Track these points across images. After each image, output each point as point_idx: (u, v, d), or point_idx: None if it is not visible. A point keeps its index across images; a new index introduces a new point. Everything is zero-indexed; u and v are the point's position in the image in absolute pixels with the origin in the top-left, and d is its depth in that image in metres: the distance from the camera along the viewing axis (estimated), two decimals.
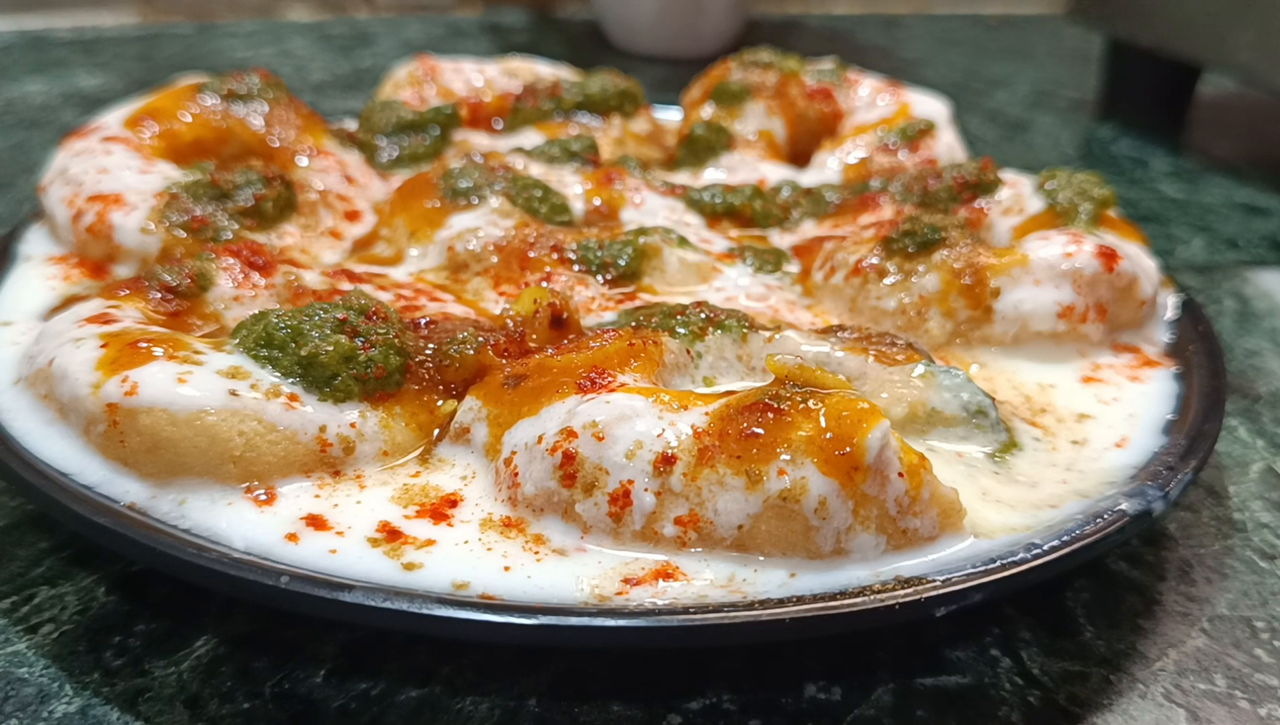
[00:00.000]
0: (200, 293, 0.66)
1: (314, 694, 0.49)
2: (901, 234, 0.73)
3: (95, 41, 1.62)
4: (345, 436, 0.56)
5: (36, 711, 0.48)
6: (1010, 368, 0.69)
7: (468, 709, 0.49)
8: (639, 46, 1.70)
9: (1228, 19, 1.22)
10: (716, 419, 0.51)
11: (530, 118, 1.00)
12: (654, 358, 0.60)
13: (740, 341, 0.63)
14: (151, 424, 0.53)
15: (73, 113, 1.29)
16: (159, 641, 0.52)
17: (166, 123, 0.84)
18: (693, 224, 0.84)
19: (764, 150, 0.99)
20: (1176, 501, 0.55)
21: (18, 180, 1.08)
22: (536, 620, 0.45)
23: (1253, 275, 1.00)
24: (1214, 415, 0.62)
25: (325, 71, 1.55)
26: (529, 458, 0.53)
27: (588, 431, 0.52)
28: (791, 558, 0.50)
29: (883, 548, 0.50)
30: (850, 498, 0.49)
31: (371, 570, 0.49)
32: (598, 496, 0.51)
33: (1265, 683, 0.52)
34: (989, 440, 0.60)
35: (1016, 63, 1.81)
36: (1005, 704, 0.50)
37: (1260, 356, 0.85)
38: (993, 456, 0.59)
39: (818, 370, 0.52)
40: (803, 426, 0.49)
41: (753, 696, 0.50)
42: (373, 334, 0.58)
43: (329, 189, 0.85)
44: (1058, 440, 0.62)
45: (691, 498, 0.50)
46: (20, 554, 0.57)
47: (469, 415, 0.58)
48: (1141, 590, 0.58)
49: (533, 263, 0.75)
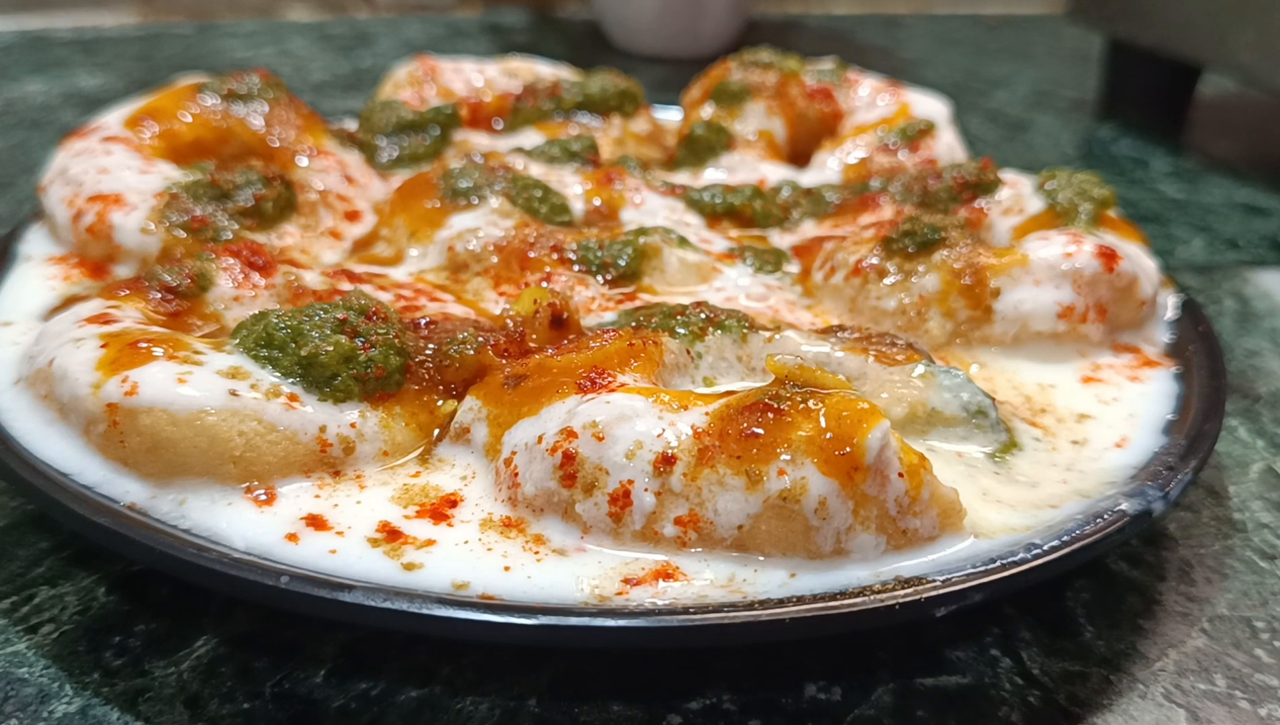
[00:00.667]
0: (200, 293, 0.66)
1: (314, 694, 0.49)
2: (901, 234, 0.73)
3: (95, 41, 1.62)
4: (345, 436, 0.56)
5: (37, 711, 0.48)
6: (1011, 368, 0.69)
7: (468, 709, 0.49)
8: (639, 46, 1.70)
9: (1228, 19, 1.22)
10: (716, 419, 0.51)
11: (530, 118, 1.00)
12: (654, 358, 0.60)
13: (740, 342, 0.63)
14: (152, 424, 0.53)
15: (73, 113, 1.29)
16: (159, 641, 0.52)
17: (167, 123, 0.84)
18: (693, 224, 0.84)
19: (764, 150, 0.99)
20: (1176, 501, 0.55)
21: (18, 180, 1.08)
22: (537, 620, 0.45)
23: (1253, 275, 1.00)
24: (1214, 415, 0.62)
25: (325, 71, 1.55)
26: (529, 458, 0.53)
27: (588, 431, 0.52)
28: (791, 558, 0.50)
29: (883, 548, 0.50)
30: (850, 498, 0.49)
31: (372, 570, 0.49)
32: (598, 496, 0.51)
33: (1265, 683, 0.52)
34: (989, 440, 0.60)
35: (1017, 63, 1.81)
36: (1005, 704, 0.50)
37: (1260, 356, 0.85)
38: (993, 456, 0.59)
39: (818, 370, 0.52)
40: (803, 426, 0.49)
41: (753, 696, 0.50)
42: (373, 334, 0.58)
43: (329, 189, 0.85)
44: (1058, 440, 0.62)
45: (691, 498, 0.50)
46: (20, 554, 0.57)
47: (469, 415, 0.58)
48: (1141, 590, 0.58)
49: (533, 263, 0.75)
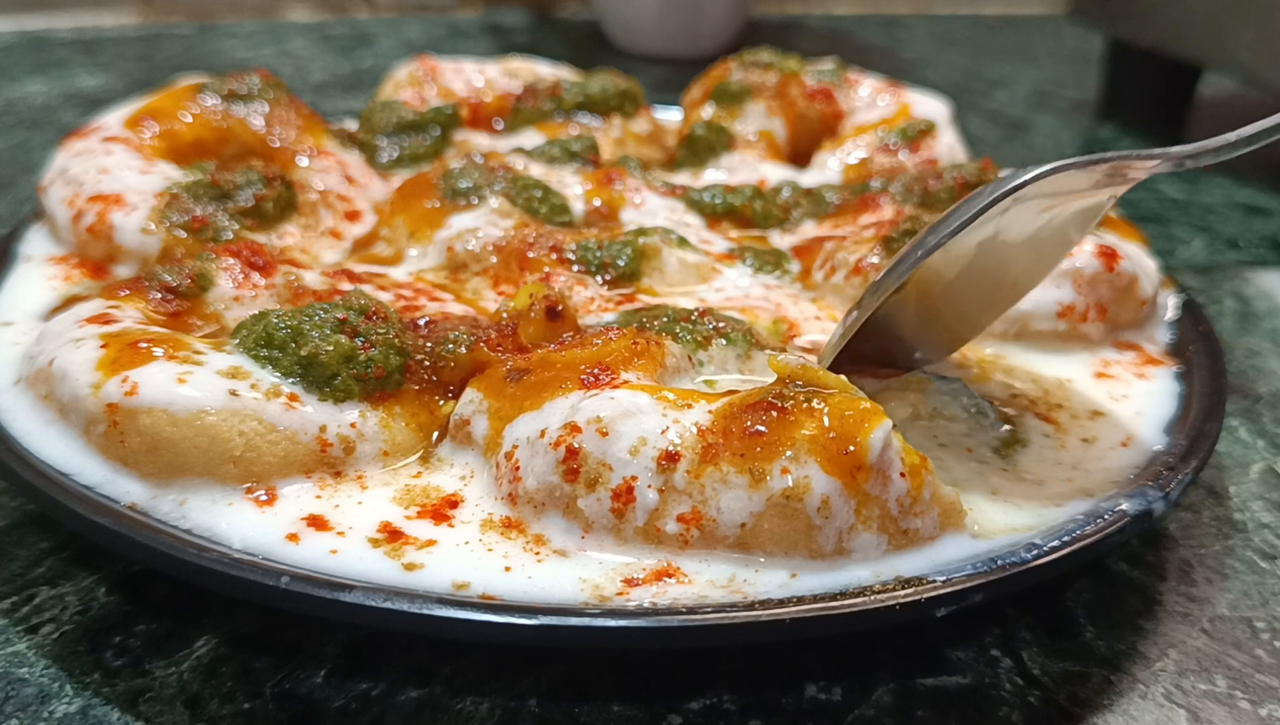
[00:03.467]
0: (200, 293, 0.66)
1: (314, 694, 0.49)
2: (902, 234, 0.73)
3: (96, 42, 1.62)
4: (345, 436, 0.56)
5: (37, 711, 0.48)
6: (1029, 361, 0.69)
7: (468, 709, 0.49)
8: (639, 47, 1.70)
9: (1228, 19, 1.22)
10: (720, 417, 0.51)
11: (530, 118, 1.00)
12: (657, 358, 0.60)
13: (744, 357, 0.63)
14: (152, 424, 0.53)
15: (73, 113, 1.29)
16: (159, 642, 0.52)
17: (167, 123, 0.84)
18: (693, 224, 0.84)
19: (764, 150, 0.99)
20: (1177, 502, 0.55)
21: (18, 180, 1.08)
22: (538, 620, 0.45)
23: (1253, 275, 1.00)
24: (1214, 415, 0.62)
25: (326, 72, 1.55)
26: (531, 452, 0.53)
27: (592, 427, 0.52)
28: (793, 557, 0.50)
29: (884, 547, 0.50)
30: (853, 497, 0.49)
31: (372, 571, 0.49)
32: (600, 492, 0.51)
33: (1265, 683, 0.52)
34: (992, 438, 0.61)
35: (1017, 63, 1.81)
36: (1005, 704, 0.50)
37: (1260, 357, 0.85)
38: (1000, 452, 0.60)
39: (820, 370, 0.52)
40: (806, 425, 0.49)
41: (753, 696, 0.50)
42: (373, 334, 0.58)
43: (329, 189, 0.85)
44: (1068, 438, 0.62)
45: (694, 495, 0.50)
46: (21, 554, 0.57)
47: (469, 407, 0.58)
48: (1142, 590, 0.58)
49: (532, 263, 0.75)
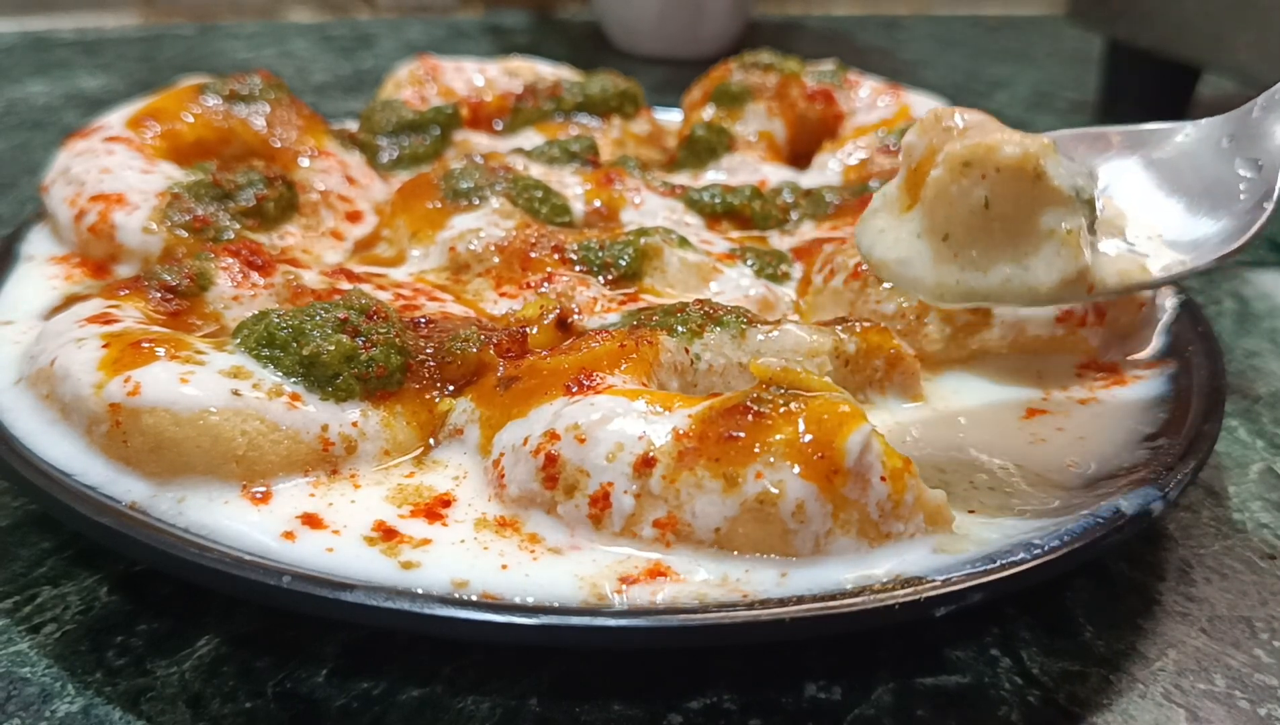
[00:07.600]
0: (200, 292, 0.67)
1: (316, 694, 0.49)
2: None
3: (97, 43, 1.63)
4: (347, 435, 0.56)
5: (39, 711, 0.48)
6: (1029, 361, 0.70)
7: (469, 708, 0.49)
8: (640, 48, 1.70)
9: (1227, 19, 1.22)
10: (698, 422, 0.51)
11: (531, 118, 1.00)
12: (647, 359, 0.59)
13: (739, 337, 0.63)
14: (155, 424, 0.53)
15: (75, 113, 1.29)
16: (161, 641, 0.52)
17: (168, 123, 0.84)
18: (693, 225, 0.84)
19: (764, 152, 0.99)
20: (1176, 502, 0.55)
21: (20, 181, 1.08)
22: (540, 620, 0.45)
23: (1252, 276, 1.00)
24: (1214, 416, 0.62)
25: (327, 73, 1.55)
26: (514, 459, 0.53)
27: (570, 434, 0.52)
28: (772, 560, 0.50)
29: (865, 553, 0.50)
30: (829, 501, 0.49)
31: (369, 569, 0.49)
32: (578, 498, 0.51)
33: (1265, 683, 0.52)
34: (1078, 222, 0.55)
35: (1017, 64, 1.81)
36: (1005, 704, 0.50)
37: (1260, 357, 0.85)
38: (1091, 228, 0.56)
39: (802, 373, 0.52)
40: (782, 429, 0.49)
41: (753, 696, 0.50)
42: (374, 333, 0.58)
43: (330, 190, 0.85)
44: (1067, 437, 0.62)
45: (670, 500, 0.50)
46: (23, 554, 0.57)
47: (462, 417, 0.58)
48: (1141, 590, 0.58)
49: (534, 263, 0.75)
